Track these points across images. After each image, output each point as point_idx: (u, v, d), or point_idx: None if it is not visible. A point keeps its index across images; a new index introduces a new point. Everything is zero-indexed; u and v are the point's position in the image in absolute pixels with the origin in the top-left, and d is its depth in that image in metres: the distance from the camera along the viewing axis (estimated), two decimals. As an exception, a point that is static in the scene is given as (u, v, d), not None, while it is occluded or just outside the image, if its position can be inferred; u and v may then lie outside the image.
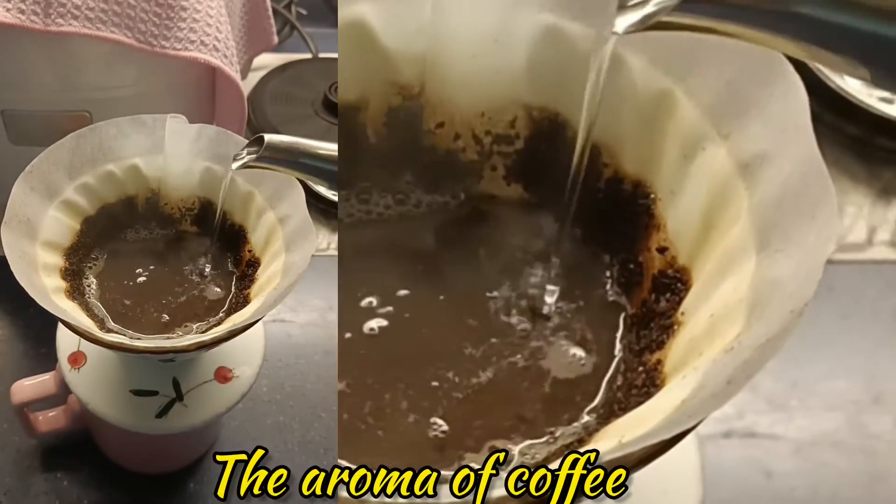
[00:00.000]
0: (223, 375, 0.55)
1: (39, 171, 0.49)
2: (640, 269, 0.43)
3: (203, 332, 0.49)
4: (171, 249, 0.56)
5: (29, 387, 0.57)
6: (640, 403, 0.36)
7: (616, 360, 0.42)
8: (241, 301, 0.51)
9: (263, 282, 0.49)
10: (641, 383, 0.38)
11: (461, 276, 0.46)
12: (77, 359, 0.54)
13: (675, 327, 0.37)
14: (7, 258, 0.43)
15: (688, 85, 0.39)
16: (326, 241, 0.79)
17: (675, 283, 0.39)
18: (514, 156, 0.47)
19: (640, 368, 0.39)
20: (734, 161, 0.37)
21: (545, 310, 0.45)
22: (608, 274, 0.45)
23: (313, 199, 0.79)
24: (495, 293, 0.45)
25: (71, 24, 0.60)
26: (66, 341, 0.54)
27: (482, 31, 0.44)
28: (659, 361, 0.37)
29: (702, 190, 0.38)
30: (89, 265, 0.53)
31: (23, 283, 0.43)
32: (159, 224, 0.57)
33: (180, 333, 0.50)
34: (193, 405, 0.54)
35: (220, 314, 0.52)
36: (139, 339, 0.49)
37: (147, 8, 0.62)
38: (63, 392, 0.56)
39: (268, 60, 0.97)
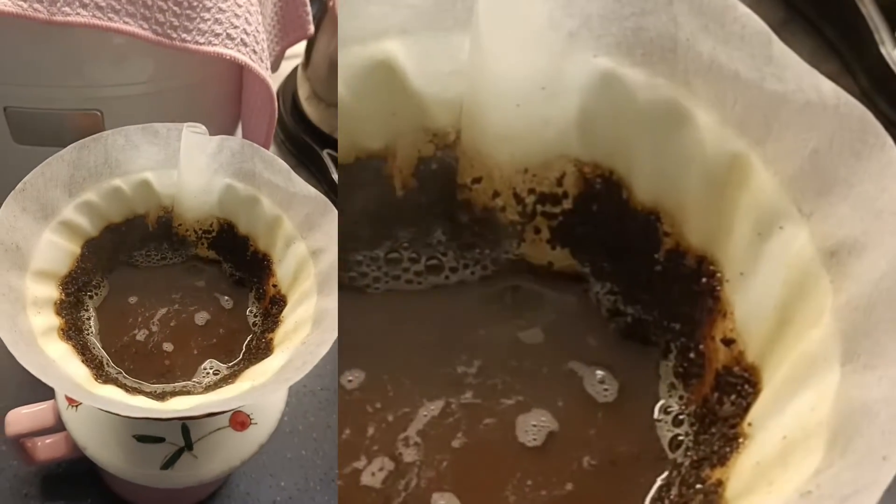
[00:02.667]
0: (240, 421, 0.51)
1: (34, 188, 0.45)
2: (701, 359, 0.39)
3: (212, 388, 0.45)
4: (183, 277, 0.53)
5: (25, 417, 0.54)
6: (695, 534, 0.32)
7: (669, 467, 0.38)
8: (263, 346, 0.46)
9: (290, 328, 0.45)
10: (698, 507, 0.34)
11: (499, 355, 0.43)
12: (76, 395, 0.51)
13: (741, 440, 0.33)
14: None
15: (766, 150, 0.35)
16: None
17: (741, 384, 0.35)
18: (560, 217, 0.44)
19: (699, 486, 0.35)
20: (817, 247, 0.33)
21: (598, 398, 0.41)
22: (664, 361, 0.41)
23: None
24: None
25: (79, 14, 0.57)
26: (64, 372, 0.51)
27: (527, 77, 0.40)
28: (720, 482, 0.33)
29: (777, 277, 0.34)
30: (89, 294, 0.49)
31: (1, 332, 0.39)
32: (171, 247, 0.53)
33: (190, 381, 0.47)
34: (204, 455, 0.50)
35: (239, 358, 0.48)
36: (140, 386, 0.45)
37: (166, -5, 0.59)
38: (61, 424, 0.53)
39: (303, 48, 0.94)
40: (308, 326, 0.43)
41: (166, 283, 0.52)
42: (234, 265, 0.52)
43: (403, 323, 0.44)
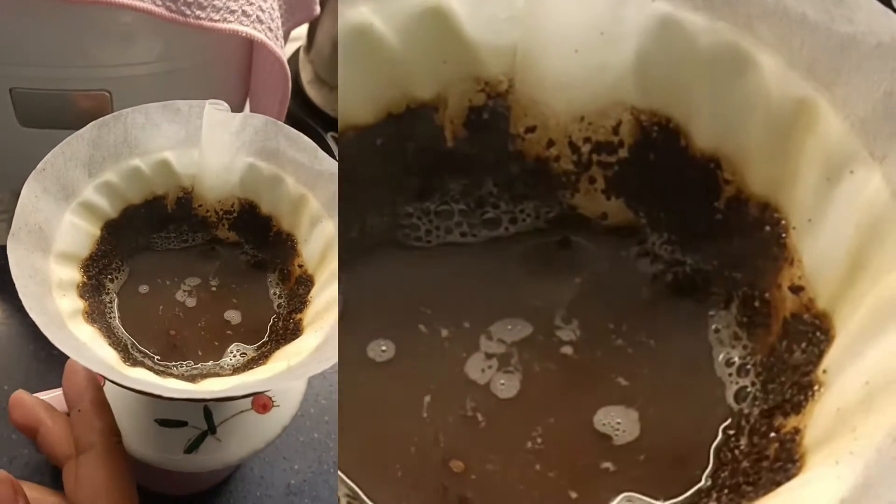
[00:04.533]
0: (262, 404, 0.51)
1: (54, 168, 0.44)
2: (766, 308, 0.39)
3: (241, 370, 0.45)
4: (203, 259, 0.52)
5: None
6: (774, 482, 0.32)
7: (734, 415, 0.39)
8: (292, 327, 0.46)
9: (321, 308, 0.44)
10: (774, 455, 0.34)
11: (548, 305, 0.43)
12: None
13: (816, 388, 0.33)
14: (14, 280, 0.39)
15: (834, 94, 0.35)
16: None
17: (812, 332, 0.35)
18: (615, 166, 0.44)
19: (773, 435, 0.35)
20: (892, 190, 0.33)
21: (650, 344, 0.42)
22: (725, 312, 0.41)
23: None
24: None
25: (93, -9, 0.56)
26: (81, 356, 0.50)
27: (586, 22, 0.40)
28: (796, 430, 0.33)
29: (849, 222, 0.34)
30: (110, 277, 0.48)
31: (32, 314, 0.38)
32: (191, 229, 0.52)
33: (217, 363, 0.47)
34: (228, 439, 0.50)
35: (265, 339, 0.48)
36: (167, 369, 0.45)
37: (180, -29, 0.58)
38: None
39: (304, 31, 0.94)
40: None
41: (186, 265, 0.51)
42: (255, 246, 0.52)
43: (461, 277, 0.44)
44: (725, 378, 0.40)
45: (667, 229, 0.44)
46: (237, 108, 0.75)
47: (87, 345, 0.41)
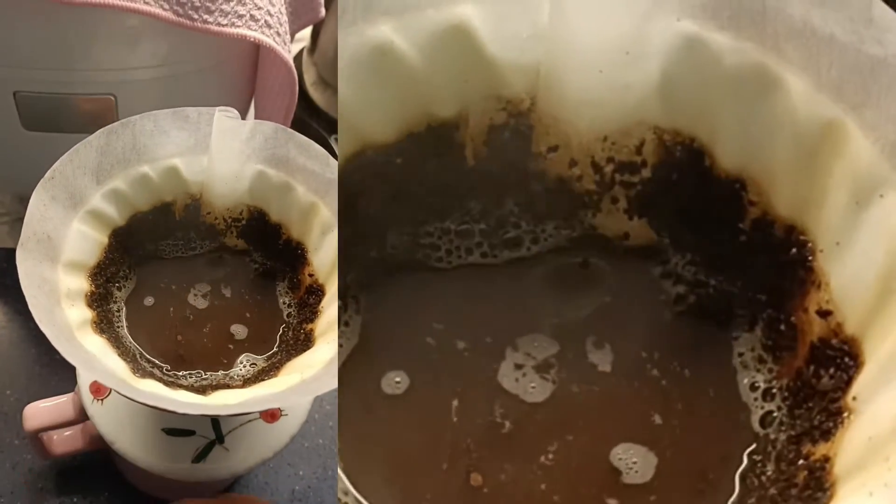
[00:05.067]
0: (270, 413, 0.51)
1: (62, 176, 0.44)
2: (792, 331, 0.38)
3: (252, 381, 0.44)
4: (212, 267, 0.52)
5: (44, 411, 0.53)
6: (804, 511, 0.32)
7: (760, 440, 0.38)
8: (303, 337, 0.46)
9: (333, 318, 0.44)
10: (804, 483, 0.33)
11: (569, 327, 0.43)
12: (101, 389, 0.50)
13: (846, 414, 0.33)
14: (23, 290, 0.38)
15: (863, 117, 0.35)
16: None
17: (841, 357, 0.35)
18: (638, 186, 0.43)
19: (801, 462, 0.34)
20: (923, 216, 0.32)
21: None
22: (749, 334, 0.41)
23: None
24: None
25: (100, -6, 0.56)
26: (87, 365, 0.50)
27: (611, 41, 0.40)
28: (826, 458, 0.33)
29: (878, 246, 0.34)
30: (118, 286, 0.48)
31: (43, 326, 0.37)
32: (199, 237, 0.52)
33: (227, 373, 0.46)
34: (236, 448, 0.49)
35: (274, 349, 0.48)
36: (177, 379, 0.45)
37: (187, -26, 0.58)
38: (82, 418, 0.52)
39: (307, 33, 0.93)
40: None
41: (194, 273, 0.51)
42: (264, 254, 0.51)
43: (483, 298, 0.44)
44: (750, 402, 0.40)
45: (690, 250, 0.43)
46: (242, 112, 0.75)
47: (96, 356, 0.40)
